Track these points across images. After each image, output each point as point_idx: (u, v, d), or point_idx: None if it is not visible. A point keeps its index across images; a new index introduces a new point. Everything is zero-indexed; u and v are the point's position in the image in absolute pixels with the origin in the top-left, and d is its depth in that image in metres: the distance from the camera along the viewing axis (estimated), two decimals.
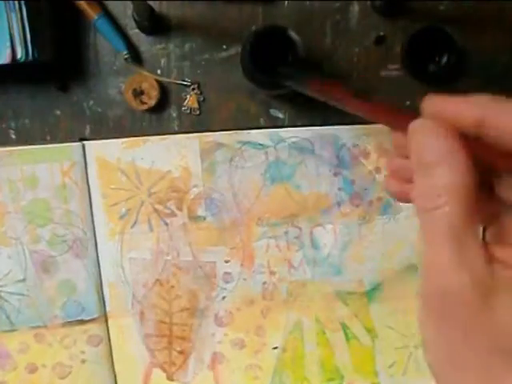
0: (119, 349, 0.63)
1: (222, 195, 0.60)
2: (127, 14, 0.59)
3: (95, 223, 0.61)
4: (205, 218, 0.61)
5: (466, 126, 0.27)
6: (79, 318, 0.63)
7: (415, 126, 0.29)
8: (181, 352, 0.63)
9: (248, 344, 0.63)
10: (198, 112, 0.60)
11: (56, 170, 0.60)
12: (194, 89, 0.60)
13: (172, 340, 0.63)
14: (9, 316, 0.62)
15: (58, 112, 0.61)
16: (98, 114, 0.61)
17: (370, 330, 0.63)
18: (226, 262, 0.62)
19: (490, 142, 0.27)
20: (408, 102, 0.60)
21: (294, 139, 0.59)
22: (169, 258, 0.61)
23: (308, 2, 0.59)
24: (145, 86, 0.59)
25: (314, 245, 0.61)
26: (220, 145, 0.59)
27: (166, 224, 0.61)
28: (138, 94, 0.59)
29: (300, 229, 0.61)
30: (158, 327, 0.63)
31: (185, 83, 0.60)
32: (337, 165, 0.59)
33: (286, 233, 0.61)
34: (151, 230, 0.61)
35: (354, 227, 0.61)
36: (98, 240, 0.61)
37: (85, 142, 0.60)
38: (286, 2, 0.59)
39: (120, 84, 0.60)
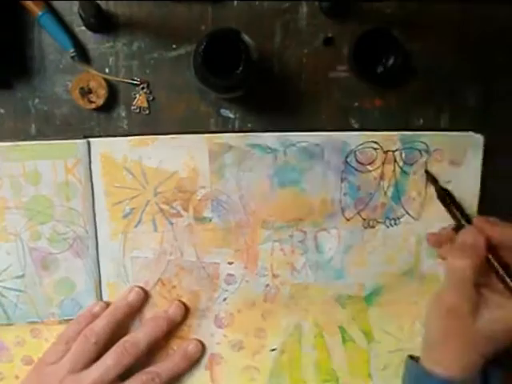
0: None
1: (228, 197, 0.60)
2: (73, 10, 0.58)
3: (97, 222, 0.60)
4: (210, 220, 0.61)
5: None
6: None
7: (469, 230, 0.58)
8: None
9: (246, 346, 0.64)
10: (147, 111, 0.60)
11: (59, 166, 0.59)
12: (143, 88, 0.59)
13: (170, 340, 0.63)
14: (6, 310, 0.61)
15: (2, 110, 0.60)
16: (43, 112, 0.60)
17: (367, 334, 0.64)
18: (230, 263, 0.62)
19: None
20: (356, 104, 0.61)
21: (303, 144, 0.59)
22: (172, 257, 0.61)
23: (257, 2, 0.59)
24: (92, 84, 0.58)
25: (318, 249, 0.62)
26: (229, 147, 0.59)
27: (171, 224, 0.60)
28: (86, 92, 0.58)
29: (305, 233, 0.61)
30: None
31: (134, 82, 0.59)
32: (343, 170, 0.60)
33: (291, 236, 0.61)
34: (155, 229, 0.60)
35: (358, 232, 0.62)
36: (100, 239, 0.61)
37: (90, 140, 0.59)
38: (236, 1, 0.59)
39: (67, 82, 0.59)
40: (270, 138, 0.59)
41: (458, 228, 0.59)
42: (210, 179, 0.60)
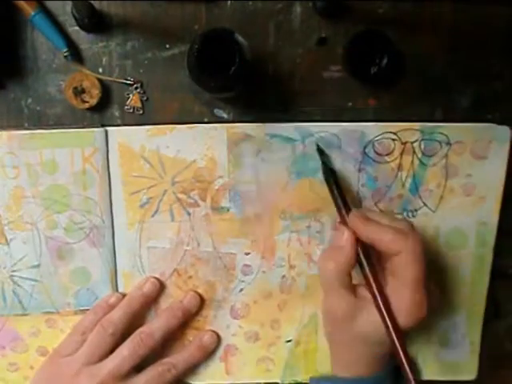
0: None
1: (246, 187, 0.60)
2: (66, 10, 0.57)
3: (114, 211, 0.60)
4: (228, 210, 0.60)
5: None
6: None
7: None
8: None
9: (262, 337, 0.64)
10: (141, 111, 0.59)
11: (77, 155, 0.59)
12: (136, 88, 0.59)
13: (186, 330, 0.63)
14: (21, 300, 0.61)
15: None
16: (36, 112, 0.59)
17: None
18: (247, 254, 0.61)
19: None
20: (350, 104, 0.61)
21: (322, 134, 0.59)
22: (189, 248, 0.61)
23: (251, 2, 0.59)
24: (86, 84, 0.58)
25: None
26: (248, 136, 0.59)
27: (189, 214, 0.60)
28: (79, 92, 0.58)
29: (322, 223, 0.61)
30: None
31: (127, 82, 0.59)
32: (361, 161, 0.60)
33: (309, 227, 0.61)
34: (172, 219, 0.60)
35: None
36: (116, 228, 0.60)
37: (107, 128, 0.59)
38: (229, 1, 0.58)
39: (60, 82, 0.59)
40: (288, 128, 0.59)
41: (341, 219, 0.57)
42: (228, 169, 0.59)
